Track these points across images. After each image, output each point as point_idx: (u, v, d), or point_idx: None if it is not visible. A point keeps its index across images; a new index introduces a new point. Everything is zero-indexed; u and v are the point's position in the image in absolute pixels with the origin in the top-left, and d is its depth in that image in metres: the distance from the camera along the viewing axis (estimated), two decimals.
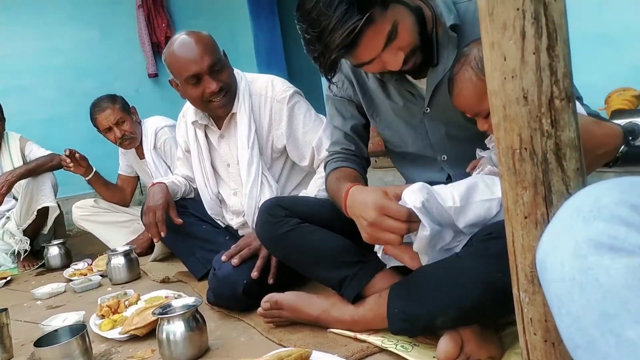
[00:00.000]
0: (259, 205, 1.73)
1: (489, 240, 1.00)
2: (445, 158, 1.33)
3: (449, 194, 1.07)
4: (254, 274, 1.56)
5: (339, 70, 1.40)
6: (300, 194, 1.74)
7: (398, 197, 1.03)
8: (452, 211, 1.05)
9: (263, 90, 1.83)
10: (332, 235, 1.34)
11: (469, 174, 1.18)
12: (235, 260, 1.59)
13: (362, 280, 1.27)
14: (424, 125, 1.31)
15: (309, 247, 1.34)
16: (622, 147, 0.98)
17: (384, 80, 1.33)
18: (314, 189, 1.71)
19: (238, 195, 1.91)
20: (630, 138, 1.06)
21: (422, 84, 1.29)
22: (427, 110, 1.29)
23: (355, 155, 1.43)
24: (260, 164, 1.81)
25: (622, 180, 0.55)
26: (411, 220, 0.99)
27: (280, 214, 1.38)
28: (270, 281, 1.59)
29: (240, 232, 1.96)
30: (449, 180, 1.31)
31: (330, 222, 1.37)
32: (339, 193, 1.21)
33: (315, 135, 1.78)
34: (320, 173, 1.74)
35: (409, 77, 1.29)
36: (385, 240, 1.03)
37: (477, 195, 1.06)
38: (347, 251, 1.31)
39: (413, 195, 1.01)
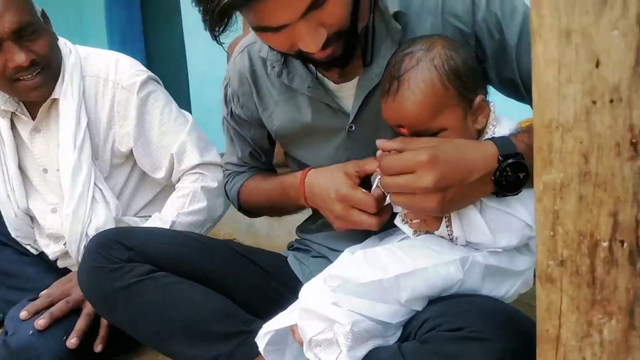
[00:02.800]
0: (88, 231, 1.28)
1: (462, 341, 0.65)
2: None
3: (379, 262, 0.75)
4: (72, 341, 1.09)
5: (233, 80, 1.06)
6: (152, 219, 1.30)
7: (361, 175, 0.87)
8: (386, 284, 0.72)
9: (103, 72, 1.33)
10: (202, 291, 0.97)
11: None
12: (41, 321, 1.09)
13: None
14: (345, 148, 0.95)
15: (165, 309, 0.94)
16: None
17: (293, 89, 0.95)
18: (173, 211, 1.29)
19: (58, 214, 1.37)
20: None
21: (342, 92, 0.93)
22: (351, 127, 0.93)
23: (267, 169, 1.20)
24: (93, 173, 1.31)
25: None
26: (383, 211, 0.84)
27: (120, 256, 0.96)
28: (98, 349, 1.13)
29: (59, 264, 1.42)
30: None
31: (199, 267, 0.98)
32: (285, 185, 1.01)
33: (176, 138, 1.35)
34: (183, 190, 1.34)
35: (326, 82, 0.93)
36: (358, 226, 0.86)
37: (427, 257, 0.74)
38: (223, 316, 0.95)
39: (314, 299, 0.77)
